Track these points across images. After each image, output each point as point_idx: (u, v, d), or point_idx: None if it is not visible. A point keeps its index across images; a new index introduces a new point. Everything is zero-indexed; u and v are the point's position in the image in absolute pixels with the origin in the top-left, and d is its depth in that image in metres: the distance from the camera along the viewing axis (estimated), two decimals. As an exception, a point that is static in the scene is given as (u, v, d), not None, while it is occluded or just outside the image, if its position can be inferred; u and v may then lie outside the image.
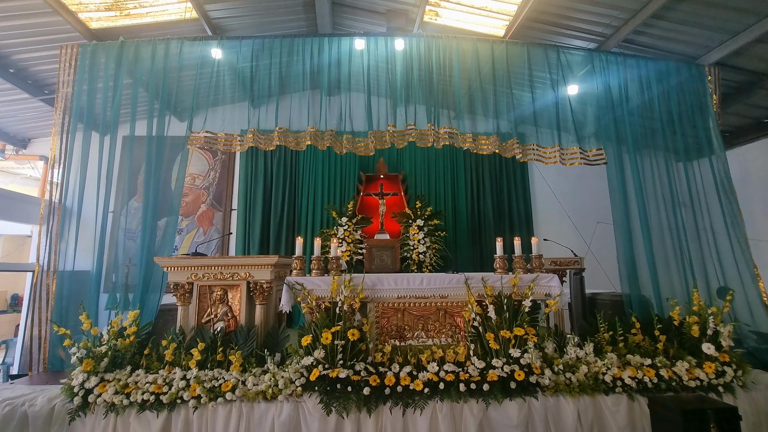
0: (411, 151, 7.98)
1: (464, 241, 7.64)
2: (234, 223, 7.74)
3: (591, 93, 5.11)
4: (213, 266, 3.93)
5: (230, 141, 4.83)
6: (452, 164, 8.07)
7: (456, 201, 7.93)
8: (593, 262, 6.11)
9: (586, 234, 7.06)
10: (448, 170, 8.03)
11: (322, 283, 3.85)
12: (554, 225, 7.63)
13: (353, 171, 7.88)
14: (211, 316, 3.88)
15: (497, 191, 8.07)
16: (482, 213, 7.90)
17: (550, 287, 3.94)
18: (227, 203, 7.87)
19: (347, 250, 6.93)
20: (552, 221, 7.74)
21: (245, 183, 7.81)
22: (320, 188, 7.80)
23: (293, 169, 7.95)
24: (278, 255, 4.01)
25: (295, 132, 4.86)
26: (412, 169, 8.03)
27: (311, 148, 7.33)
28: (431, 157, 8.04)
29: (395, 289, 3.89)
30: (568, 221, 7.41)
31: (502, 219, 7.92)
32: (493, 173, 8.12)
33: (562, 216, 7.53)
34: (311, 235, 7.44)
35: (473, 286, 3.85)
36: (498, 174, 8.13)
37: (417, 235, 7.00)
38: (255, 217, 7.63)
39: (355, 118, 4.98)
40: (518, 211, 7.97)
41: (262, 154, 7.84)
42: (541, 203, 8.01)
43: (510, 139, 5.08)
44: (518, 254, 4.23)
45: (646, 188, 4.70)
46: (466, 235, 7.69)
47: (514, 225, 7.85)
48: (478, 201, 7.99)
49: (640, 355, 3.73)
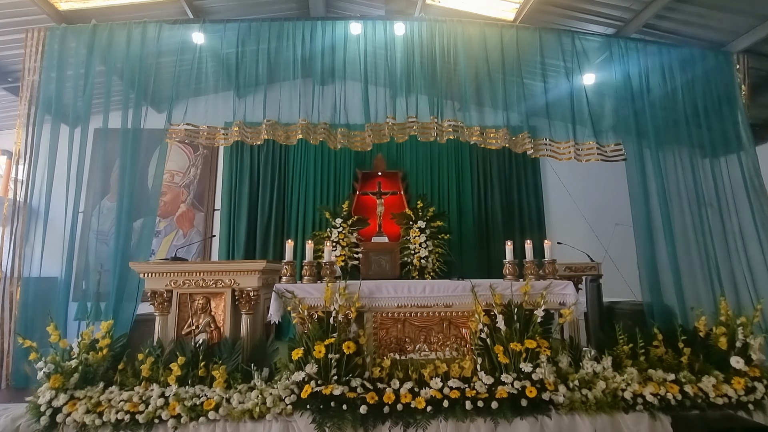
0: (412, 147, 7.99)
1: (470, 245, 7.66)
2: (217, 224, 7.74)
3: (609, 83, 5.12)
4: (194, 272, 3.92)
5: (213, 134, 4.82)
6: (457, 161, 8.09)
7: (461, 201, 7.94)
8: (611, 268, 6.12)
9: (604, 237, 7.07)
10: (452, 167, 8.05)
11: (315, 290, 3.85)
12: (569, 227, 7.65)
13: (348, 168, 7.88)
14: (193, 327, 3.87)
15: (506, 190, 8.09)
16: (490, 214, 7.92)
17: (564, 295, 3.94)
18: (209, 203, 7.87)
19: (342, 255, 6.94)
20: (566, 223, 7.76)
21: (229, 181, 7.81)
22: (312, 187, 7.81)
23: (282, 165, 7.95)
24: (266, 260, 4.01)
25: (285, 125, 4.86)
26: (413, 165, 8.04)
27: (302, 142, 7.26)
28: (434, 153, 8.06)
29: (395, 298, 3.88)
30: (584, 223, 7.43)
31: (512, 220, 7.94)
32: (501, 170, 8.14)
33: (577, 217, 7.55)
34: (302, 238, 7.45)
35: (480, 294, 3.84)
36: (507, 171, 8.16)
37: (418, 238, 7.01)
38: (240, 218, 7.63)
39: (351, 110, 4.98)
40: (529, 212, 8.00)
41: (248, 149, 7.84)
42: (555, 203, 8.03)
43: (521, 133, 5.10)
44: (529, 259, 4.23)
45: (668, 187, 4.71)
46: (472, 238, 7.70)
47: (525, 227, 7.87)
48: (485, 201, 8.00)
49: (663, 369, 3.73)
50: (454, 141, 7.63)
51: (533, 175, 8.21)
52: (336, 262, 6.71)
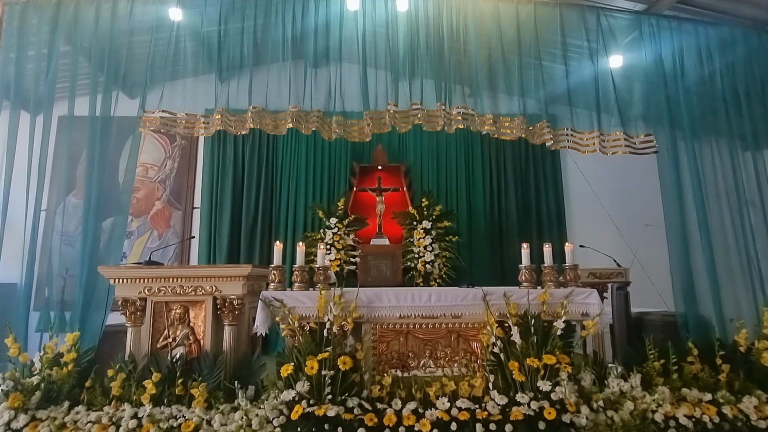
0: (416, 137, 8.02)
1: (482, 248, 7.68)
2: (197, 224, 7.76)
3: (638, 65, 5.12)
4: (171, 278, 3.93)
5: (192, 123, 4.83)
6: (467, 153, 8.11)
7: (471, 199, 7.96)
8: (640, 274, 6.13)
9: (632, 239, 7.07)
10: (461, 160, 8.07)
11: (307, 299, 3.86)
12: (593, 228, 7.64)
13: (345, 161, 7.90)
14: (169, 340, 3.88)
15: (523, 186, 8.10)
16: (504, 213, 7.94)
17: (587, 305, 3.94)
18: (188, 200, 7.89)
19: (337, 259, 6.96)
20: (590, 224, 7.76)
21: (211, 175, 7.83)
22: (304, 182, 7.83)
23: (270, 158, 7.97)
24: (252, 264, 4.02)
25: (273, 112, 4.87)
26: (418, 158, 8.06)
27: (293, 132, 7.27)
28: (441, 144, 8.07)
29: (396, 307, 3.89)
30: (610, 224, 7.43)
31: (529, 221, 7.95)
32: (517, 164, 8.16)
33: (602, 217, 7.54)
34: (292, 239, 7.47)
35: (493, 304, 3.85)
36: (524, 165, 8.17)
37: (423, 241, 7.03)
38: (222, 217, 7.65)
39: (348, 96, 4.99)
40: (548, 212, 8.01)
41: (231, 139, 7.86)
42: (577, 201, 8.05)
43: (539, 122, 5.10)
44: (548, 264, 4.24)
45: (705, 183, 4.72)
46: (484, 240, 7.72)
47: (544, 228, 7.89)
48: (498, 199, 8.02)
49: (699, 388, 3.73)
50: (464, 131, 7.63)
51: (553, 169, 8.22)
52: (330, 267, 6.73)
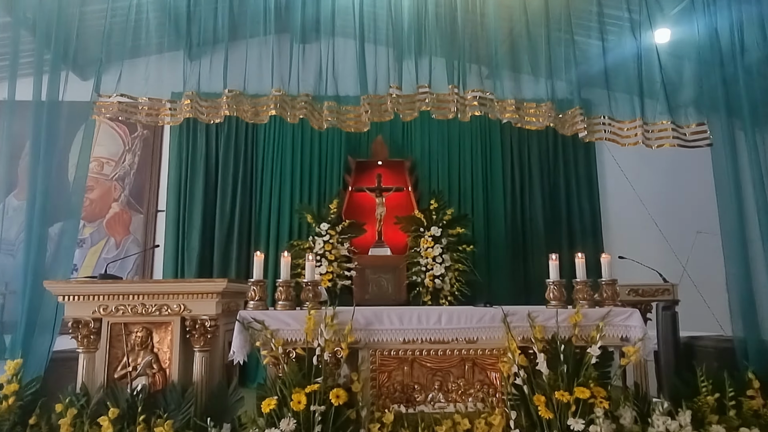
0: (423, 127, 8.01)
1: (502, 260, 7.67)
2: (161, 231, 7.76)
3: (689, 41, 5.10)
4: (131, 295, 3.90)
5: (156, 109, 4.82)
6: (484, 146, 8.10)
7: (490, 200, 7.95)
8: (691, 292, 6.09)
9: (681, 250, 7.04)
10: (477, 155, 8.06)
11: (293, 320, 3.84)
12: (634, 236, 7.62)
13: (338, 156, 7.91)
14: (129, 369, 3.85)
15: (551, 186, 8.09)
16: (528, 218, 7.93)
17: (627, 328, 3.93)
18: (151, 202, 7.89)
19: (329, 272, 6.94)
20: (631, 231, 7.73)
21: (178, 172, 7.84)
22: (289, 180, 7.83)
23: (250, 152, 7.98)
24: (227, 279, 3.99)
25: (253, 97, 4.86)
26: (425, 152, 8.06)
27: (276, 121, 7.32)
28: (453, 136, 8.07)
29: (400, 330, 3.87)
30: (655, 231, 7.39)
31: (558, 227, 7.94)
32: (544, 159, 8.15)
33: (645, 223, 7.51)
34: (276, 249, 7.45)
35: (515, 326, 3.84)
36: (552, 161, 8.16)
37: (432, 251, 7.00)
38: (192, 222, 7.65)
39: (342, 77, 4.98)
40: (581, 216, 7.99)
41: (203, 129, 7.87)
42: (616, 204, 8.04)
43: (570, 108, 5.10)
44: (581, 279, 4.21)
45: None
46: (504, 250, 7.71)
47: (576, 236, 7.87)
48: (522, 200, 8.01)
49: (760, 427, 3.71)
50: (481, 119, 7.70)
51: (586, 166, 8.21)
52: (321, 281, 6.70)
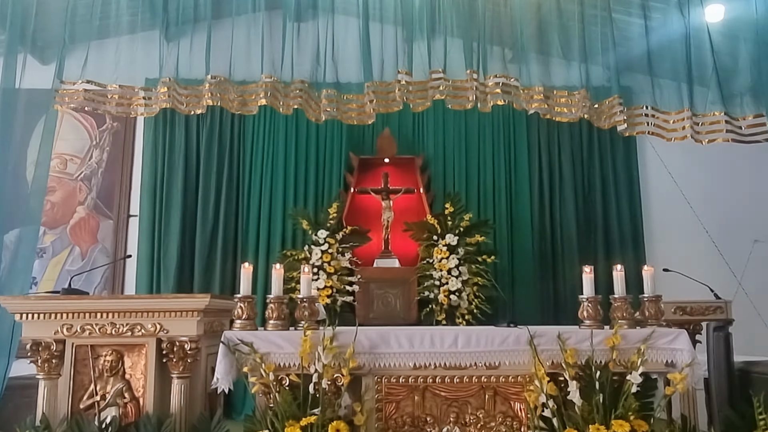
0: (437, 119, 8.02)
1: (528, 272, 7.66)
2: (134, 239, 7.76)
3: (746, 19, 5.10)
4: (99, 313, 3.93)
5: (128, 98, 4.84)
6: (507, 141, 8.09)
7: (514, 204, 7.94)
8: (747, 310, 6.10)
9: (736, 262, 7.04)
10: (500, 151, 8.05)
11: (286, 342, 3.86)
12: (681, 246, 7.61)
13: (338, 152, 7.92)
14: (96, 398, 3.87)
15: (584, 188, 8.08)
16: (559, 225, 7.91)
17: (673, 351, 3.93)
18: (122, 205, 7.90)
19: (328, 287, 6.94)
20: (677, 239, 7.74)
21: (153, 171, 7.84)
22: (282, 181, 7.83)
23: (236, 147, 7.99)
24: (210, 294, 4.03)
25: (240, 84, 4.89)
26: (439, 148, 8.07)
27: (267, 112, 7.36)
28: (472, 129, 8.07)
29: (410, 354, 3.89)
30: (706, 240, 7.39)
31: (593, 235, 7.93)
32: (577, 157, 8.13)
33: (694, 230, 7.51)
34: (266, 260, 7.45)
35: (543, 349, 3.85)
36: (586, 158, 8.15)
37: (447, 262, 7.01)
38: (170, 228, 7.66)
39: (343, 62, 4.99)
40: (620, 222, 7.96)
41: (182, 121, 7.87)
42: (660, 209, 8.03)
43: (608, 97, 5.11)
44: (620, 295, 4.22)
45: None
46: (530, 261, 7.70)
47: (613, 245, 7.85)
48: (551, 204, 8.00)
49: (830, 468, 3.71)
50: (504, 110, 7.72)
51: (626, 164, 8.19)
52: (319, 297, 6.71)
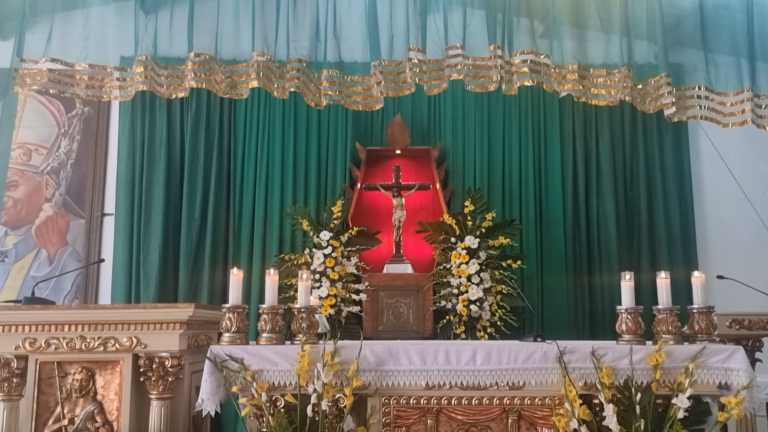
0: (456, 103, 8.01)
1: (559, 279, 7.64)
2: (109, 240, 7.80)
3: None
4: (67, 325, 3.95)
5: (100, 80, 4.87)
6: (537, 128, 8.06)
7: (544, 201, 7.92)
8: (816, 324, 6.04)
9: (803, 267, 6.97)
10: (528, 140, 8.01)
11: (280, 358, 3.87)
12: (738, 249, 7.57)
13: (343, 142, 7.91)
14: (64, 423, 3.88)
15: (626, 182, 8.03)
16: (596, 225, 7.88)
17: (728, 371, 3.90)
18: (96, 202, 7.93)
19: (331, 296, 6.94)
20: (734, 242, 7.71)
21: (131, 163, 7.84)
22: (279, 175, 7.83)
23: (226, 137, 7.99)
24: (195, 303, 4.04)
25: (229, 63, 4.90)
26: (458, 137, 8.04)
27: (261, 96, 7.38)
28: (496, 115, 8.04)
29: (422, 372, 3.90)
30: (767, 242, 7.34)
31: (635, 236, 7.90)
32: (617, 146, 8.08)
33: (754, 231, 7.46)
34: (260, 265, 7.48)
35: (575, 367, 3.85)
36: (628, 148, 8.10)
37: (467, 267, 6.99)
38: (150, 229, 7.68)
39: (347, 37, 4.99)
40: (667, 222, 7.91)
41: (163, 106, 7.87)
42: (714, 206, 7.98)
43: (654, 76, 5.08)
44: (665, 305, 4.21)
45: None
46: (561, 266, 7.69)
47: (659, 248, 7.82)
48: (587, 201, 7.96)
49: None
50: (532, 92, 7.72)
51: (675, 154, 8.12)
52: (320, 307, 6.71)
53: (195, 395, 4.01)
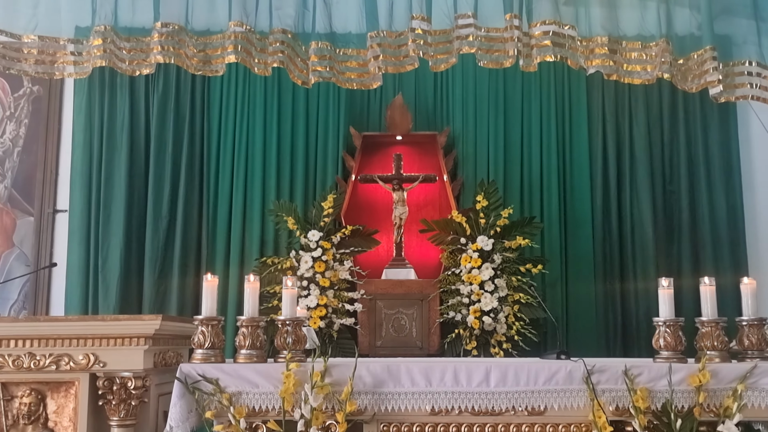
0: (466, 81, 8.01)
1: (585, 287, 7.65)
2: (62, 241, 7.81)
3: None
4: (13, 340, 3.95)
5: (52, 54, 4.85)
6: (560, 111, 8.07)
7: (568, 195, 7.94)
8: None
9: None
10: (550, 124, 8.01)
11: (262, 378, 3.87)
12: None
13: (334, 126, 7.93)
14: (9, 453, 3.91)
15: (664, 173, 8.05)
16: (628, 222, 7.89)
17: (783, 394, 3.92)
18: (47, 197, 7.93)
19: (321, 305, 6.94)
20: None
21: (87, 151, 7.86)
22: (260, 165, 7.84)
23: (199, 121, 8.00)
24: (162, 315, 4.05)
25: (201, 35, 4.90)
26: (469, 121, 8.05)
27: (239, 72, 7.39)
28: (513, 95, 8.05)
29: (427, 394, 3.90)
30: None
31: (675, 236, 7.91)
32: (654, 132, 8.09)
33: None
34: (239, 270, 7.48)
35: (604, 389, 3.86)
36: (667, 133, 8.11)
37: (478, 273, 6.99)
38: (110, 228, 7.69)
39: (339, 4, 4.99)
40: (713, 220, 7.91)
41: (125, 85, 7.88)
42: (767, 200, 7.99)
43: (697, 50, 5.08)
44: (710, 317, 4.22)
45: None
46: (589, 272, 7.70)
47: (702, 251, 7.83)
48: (619, 196, 7.98)
49: None
50: (555, 69, 7.75)
51: (722, 141, 8.12)
52: (308, 320, 6.71)
53: (162, 422, 4.01)
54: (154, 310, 7.32)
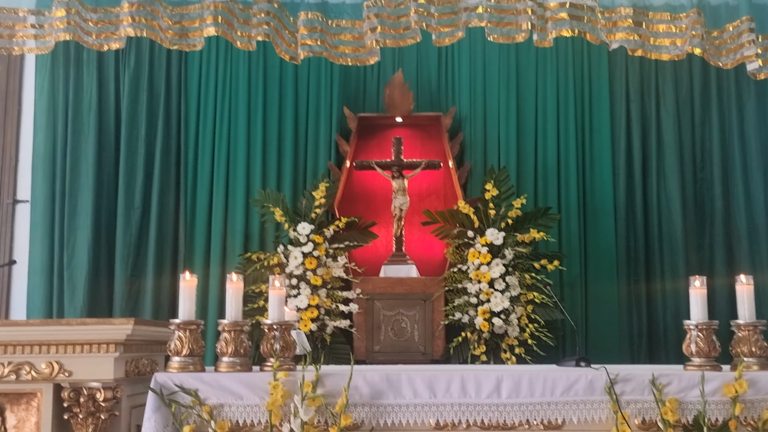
0: (474, 58, 8.01)
1: (607, 286, 7.68)
2: (23, 235, 7.82)
3: None
4: (-31, 345, 3.96)
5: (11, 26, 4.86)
6: (579, 90, 8.07)
7: (588, 184, 7.95)
8: None
9: None
10: (568, 105, 8.03)
11: (246, 389, 3.87)
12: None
13: (327, 107, 7.94)
14: (-35, 472, 3.91)
15: (695, 159, 8.06)
16: (655, 214, 7.91)
17: (828, 406, 3.92)
18: (6, 186, 7.94)
19: (313, 306, 6.95)
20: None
21: (51, 136, 7.86)
22: (244, 151, 7.85)
23: (175, 102, 8.00)
24: (134, 318, 4.03)
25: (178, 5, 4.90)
26: (477, 102, 8.07)
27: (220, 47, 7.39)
28: (526, 75, 8.07)
29: (432, 407, 3.90)
30: None
31: (707, 229, 7.92)
32: (684, 113, 8.08)
33: None
34: (220, 268, 7.52)
35: (629, 399, 3.86)
36: (698, 114, 8.10)
37: (488, 270, 7.00)
38: (77, 222, 7.70)
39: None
40: (749, 212, 7.92)
41: (93, 61, 7.86)
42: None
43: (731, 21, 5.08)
44: (747, 320, 4.21)
45: None
46: (611, 269, 7.72)
47: (737, 247, 7.84)
48: (644, 185, 7.98)
49: None
50: (574, 45, 7.74)
51: (759, 122, 8.11)
52: (298, 323, 6.71)
53: (135, 437, 4.01)
54: (126, 313, 7.35)
